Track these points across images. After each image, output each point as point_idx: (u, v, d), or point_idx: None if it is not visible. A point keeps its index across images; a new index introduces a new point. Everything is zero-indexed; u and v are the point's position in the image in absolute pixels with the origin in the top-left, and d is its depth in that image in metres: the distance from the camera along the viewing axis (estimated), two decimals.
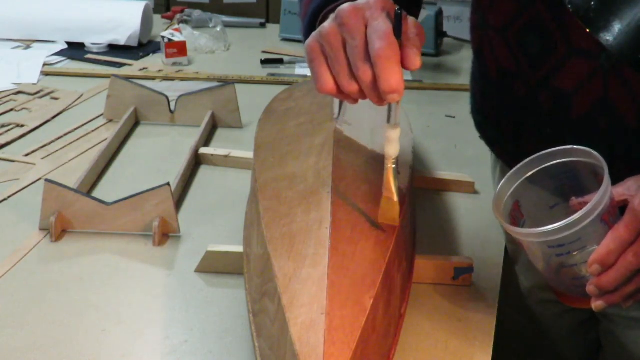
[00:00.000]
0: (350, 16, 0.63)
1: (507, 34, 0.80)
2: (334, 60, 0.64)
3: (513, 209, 0.69)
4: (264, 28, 1.97)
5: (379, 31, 0.61)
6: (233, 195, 1.01)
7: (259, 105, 1.07)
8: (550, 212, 0.70)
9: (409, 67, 0.62)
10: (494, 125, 0.91)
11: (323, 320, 0.55)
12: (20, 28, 1.70)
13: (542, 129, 0.81)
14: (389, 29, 0.61)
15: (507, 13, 0.79)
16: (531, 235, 0.64)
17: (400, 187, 0.69)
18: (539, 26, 0.76)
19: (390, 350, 0.68)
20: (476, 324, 0.77)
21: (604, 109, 0.74)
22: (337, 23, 0.63)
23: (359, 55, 0.62)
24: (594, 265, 0.62)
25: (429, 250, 0.87)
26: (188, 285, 0.82)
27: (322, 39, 0.64)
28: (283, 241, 0.66)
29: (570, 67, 0.75)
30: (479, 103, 0.94)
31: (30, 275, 0.83)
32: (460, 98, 1.47)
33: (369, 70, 0.61)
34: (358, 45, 0.62)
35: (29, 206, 0.96)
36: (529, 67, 0.79)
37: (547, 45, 0.76)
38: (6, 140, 1.18)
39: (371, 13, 0.63)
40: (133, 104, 1.26)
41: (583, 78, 0.74)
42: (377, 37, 0.61)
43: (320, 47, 0.65)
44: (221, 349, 0.72)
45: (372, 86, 0.62)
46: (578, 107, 0.76)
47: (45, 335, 0.73)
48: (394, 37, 0.61)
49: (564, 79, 0.76)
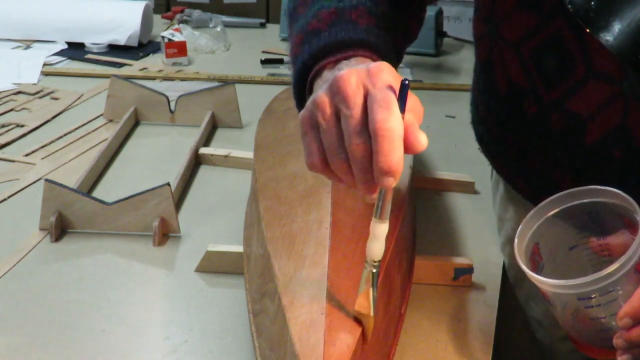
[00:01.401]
0: (347, 83, 0.54)
1: (522, 49, 0.74)
2: (324, 133, 0.55)
3: (533, 252, 0.65)
4: (264, 28, 1.97)
5: (380, 101, 0.52)
6: (233, 195, 1.01)
7: (259, 105, 1.07)
8: (569, 254, 0.66)
9: (413, 149, 0.53)
10: (498, 140, 0.85)
11: (323, 320, 0.55)
12: (20, 28, 1.70)
13: (552, 152, 0.76)
14: (393, 101, 0.52)
15: (524, 27, 0.72)
16: (563, 287, 0.60)
17: (378, 298, 0.57)
18: (559, 45, 0.69)
19: (390, 350, 0.68)
20: (476, 324, 0.77)
21: (621, 138, 0.69)
22: (332, 91, 0.55)
23: (353, 127, 0.53)
24: (625, 318, 0.58)
25: (429, 251, 0.88)
26: (188, 285, 0.82)
27: (315, 109, 0.55)
28: (283, 241, 0.66)
29: (588, 91, 0.69)
30: (482, 115, 0.88)
31: (30, 275, 0.83)
32: (460, 98, 1.47)
33: (362, 144, 0.52)
34: (353, 115, 0.53)
35: (29, 206, 0.96)
36: (543, 87, 0.73)
37: (565, 66, 0.70)
38: (6, 140, 1.18)
39: (371, 81, 0.54)
40: (133, 104, 1.26)
41: (601, 103, 0.69)
42: (378, 107, 0.52)
43: (312, 118, 0.56)
44: (221, 349, 0.72)
45: (363, 164, 0.53)
46: (593, 133, 0.71)
47: (45, 335, 0.73)
48: (398, 111, 0.52)
49: (580, 102, 0.70)
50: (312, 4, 0.69)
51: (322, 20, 0.66)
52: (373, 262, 0.55)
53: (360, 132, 0.53)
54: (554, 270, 0.64)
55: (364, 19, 0.67)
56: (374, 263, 0.55)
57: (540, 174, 0.80)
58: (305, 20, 0.68)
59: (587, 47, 0.67)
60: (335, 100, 0.54)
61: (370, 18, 0.67)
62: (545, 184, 0.80)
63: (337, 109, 0.54)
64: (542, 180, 0.81)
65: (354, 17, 0.66)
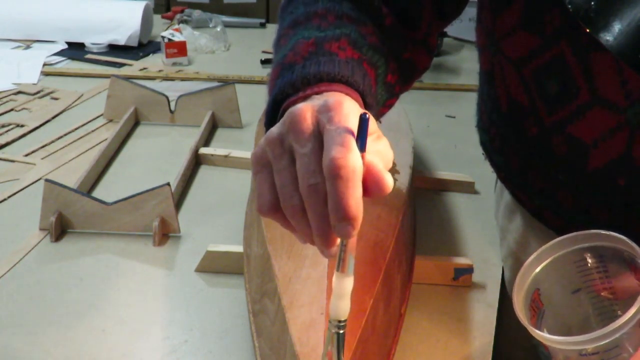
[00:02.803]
0: (300, 119, 0.49)
1: (524, 69, 0.70)
2: (277, 173, 0.49)
3: (533, 298, 0.62)
4: (264, 28, 1.97)
5: (336, 137, 0.46)
6: (233, 195, 1.01)
7: (259, 105, 1.07)
8: (572, 298, 0.64)
9: (374, 191, 0.47)
10: (500, 152, 0.81)
11: (323, 320, 0.55)
12: (20, 28, 1.70)
13: (554, 174, 0.73)
14: (350, 138, 0.46)
15: (526, 47, 0.69)
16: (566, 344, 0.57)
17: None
18: (561, 68, 0.66)
19: (390, 350, 0.68)
20: (476, 324, 0.77)
21: (625, 167, 0.67)
22: (285, 128, 0.50)
23: (306, 166, 0.47)
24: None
25: (429, 251, 0.88)
26: (188, 285, 0.82)
27: (267, 146, 0.50)
28: (283, 241, 0.66)
29: (592, 118, 0.66)
30: (485, 123, 0.83)
31: (30, 275, 0.83)
32: (460, 98, 1.48)
33: (316, 185, 0.46)
34: (306, 153, 0.48)
35: (29, 206, 0.96)
36: (545, 109, 0.70)
37: (568, 90, 0.66)
38: (6, 140, 1.18)
39: (328, 116, 0.48)
40: (133, 104, 1.26)
41: (604, 131, 0.66)
42: (333, 145, 0.46)
43: (264, 157, 0.51)
44: (221, 349, 0.72)
45: (318, 209, 0.46)
46: (596, 160, 0.68)
47: (45, 335, 0.73)
48: (356, 148, 0.46)
49: (582, 128, 0.67)
50: (293, 35, 0.65)
51: (298, 53, 0.62)
52: (338, 323, 0.49)
53: (314, 172, 0.47)
54: (555, 315, 0.62)
55: (346, 51, 0.62)
56: (340, 324, 0.49)
57: (542, 193, 0.77)
58: (283, 53, 0.64)
59: (591, 72, 0.65)
60: (289, 138, 0.49)
61: (354, 50, 0.63)
62: (548, 203, 0.77)
63: (291, 147, 0.49)
64: (544, 200, 0.78)
65: (333, 48, 0.61)
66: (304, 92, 0.58)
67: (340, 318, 0.49)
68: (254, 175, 0.51)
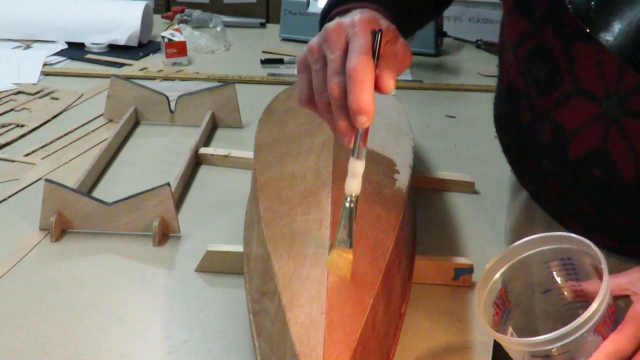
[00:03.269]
0: (333, 33, 0.64)
1: (518, 52, 0.75)
2: (314, 73, 0.64)
3: (500, 295, 0.63)
4: (264, 28, 1.98)
5: (356, 47, 0.61)
6: (233, 195, 1.02)
7: (259, 105, 1.07)
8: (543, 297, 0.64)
9: (380, 90, 0.61)
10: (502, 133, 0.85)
11: (323, 320, 0.55)
12: (20, 28, 1.70)
13: (540, 161, 0.76)
14: (367, 48, 0.61)
15: (519, 30, 0.74)
16: (516, 344, 0.58)
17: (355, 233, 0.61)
18: (547, 54, 0.70)
19: (390, 350, 0.68)
20: (476, 324, 0.77)
21: (601, 159, 0.69)
22: (321, 39, 0.64)
23: (333, 69, 0.62)
24: None
25: (429, 250, 0.88)
26: (188, 285, 0.82)
27: (308, 53, 0.65)
28: (283, 241, 0.66)
29: (573, 106, 0.69)
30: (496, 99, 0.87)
31: (30, 275, 0.83)
32: (460, 98, 1.48)
33: (338, 84, 0.61)
34: (334, 59, 0.62)
35: (29, 206, 0.96)
36: (536, 94, 0.73)
37: (553, 77, 0.70)
38: (6, 140, 1.18)
39: (353, 31, 0.63)
40: (133, 104, 1.26)
41: (584, 120, 0.69)
42: (353, 53, 0.61)
43: (306, 61, 0.66)
44: (221, 349, 0.72)
45: (340, 102, 0.61)
46: (576, 149, 0.71)
47: (45, 335, 0.73)
48: (370, 56, 0.61)
49: (566, 115, 0.71)
50: None
51: None
52: (351, 197, 0.60)
53: (338, 73, 0.61)
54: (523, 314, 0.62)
55: None
56: (352, 198, 0.60)
57: (534, 179, 0.80)
58: None
59: (574, 61, 0.67)
60: (324, 47, 0.64)
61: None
62: (539, 189, 0.80)
63: (324, 54, 0.63)
64: (535, 186, 0.81)
65: None
66: (342, 7, 0.74)
67: (353, 193, 0.60)
68: (298, 74, 0.67)
